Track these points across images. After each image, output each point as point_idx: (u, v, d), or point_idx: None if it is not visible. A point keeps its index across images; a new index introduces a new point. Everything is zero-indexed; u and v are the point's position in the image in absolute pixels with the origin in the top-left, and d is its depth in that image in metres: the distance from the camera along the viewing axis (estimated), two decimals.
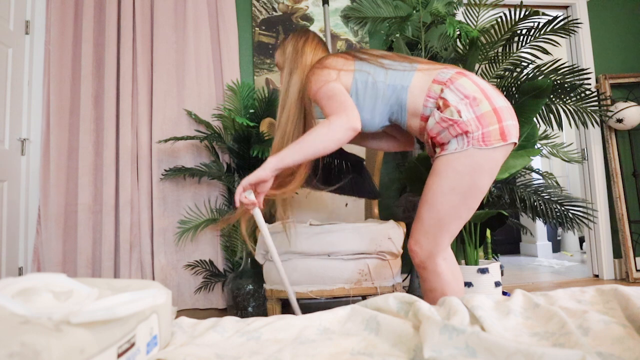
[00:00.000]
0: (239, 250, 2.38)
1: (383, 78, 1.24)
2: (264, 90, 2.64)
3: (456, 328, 0.62)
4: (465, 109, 1.13)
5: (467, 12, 2.36)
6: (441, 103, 1.16)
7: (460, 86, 1.16)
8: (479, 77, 1.21)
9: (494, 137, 1.12)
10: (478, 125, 1.12)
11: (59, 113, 2.51)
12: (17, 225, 2.41)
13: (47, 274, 0.57)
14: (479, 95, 1.14)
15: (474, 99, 1.13)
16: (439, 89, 1.18)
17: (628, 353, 0.59)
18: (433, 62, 1.29)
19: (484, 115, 1.12)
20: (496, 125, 1.12)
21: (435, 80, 1.20)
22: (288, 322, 0.75)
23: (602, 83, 3.10)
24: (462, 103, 1.14)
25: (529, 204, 2.13)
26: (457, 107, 1.14)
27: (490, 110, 1.13)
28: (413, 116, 1.25)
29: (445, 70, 1.22)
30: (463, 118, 1.13)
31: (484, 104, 1.13)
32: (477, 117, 1.12)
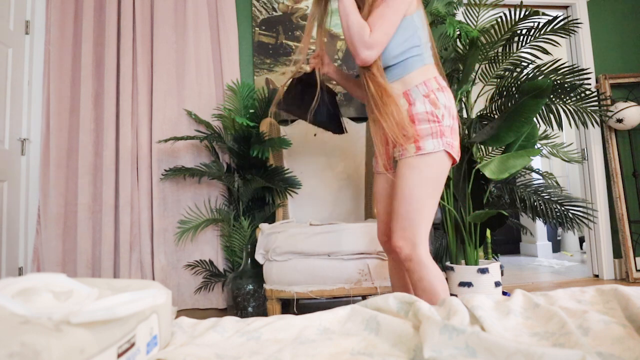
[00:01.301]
0: (239, 248, 2.38)
1: (420, 37, 1.33)
2: (264, 90, 2.64)
3: (456, 328, 0.62)
4: (446, 116, 1.27)
5: (467, 12, 2.36)
6: (433, 98, 1.28)
7: (450, 98, 1.31)
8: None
9: (455, 150, 1.28)
10: (451, 134, 1.27)
11: (59, 113, 2.51)
12: (17, 225, 2.41)
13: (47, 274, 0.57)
14: (454, 113, 1.31)
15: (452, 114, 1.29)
16: (435, 87, 1.30)
17: (628, 353, 0.59)
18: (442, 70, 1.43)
19: (455, 130, 1.29)
20: (456, 143, 1.30)
21: (436, 78, 1.32)
22: (288, 322, 0.75)
23: (602, 83, 3.10)
24: (446, 110, 1.27)
25: (529, 204, 2.13)
26: (443, 111, 1.27)
27: (457, 130, 1.31)
28: (402, 83, 1.33)
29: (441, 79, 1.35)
30: (444, 123, 1.26)
31: (455, 122, 1.31)
32: (451, 127, 1.28)
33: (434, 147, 1.24)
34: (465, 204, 2.13)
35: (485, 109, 2.33)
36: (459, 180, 2.17)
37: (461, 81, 2.14)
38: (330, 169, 2.38)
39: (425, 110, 1.26)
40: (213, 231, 2.55)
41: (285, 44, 2.78)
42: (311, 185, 2.35)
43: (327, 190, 2.34)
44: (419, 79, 1.31)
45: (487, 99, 2.31)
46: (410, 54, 1.31)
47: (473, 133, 2.26)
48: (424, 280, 1.24)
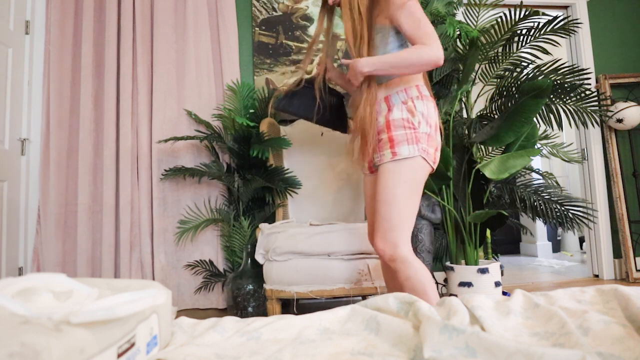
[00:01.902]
0: (238, 247, 2.38)
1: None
2: (264, 90, 2.64)
3: (456, 328, 0.62)
4: (423, 124, 1.31)
5: (467, 12, 2.36)
6: (410, 105, 1.31)
7: (430, 108, 1.34)
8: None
9: (430, 158, 1.32)
10: (427, 141, 1.31)
11: (59, 113, 2.51)
12: (17, 225, 2.41)
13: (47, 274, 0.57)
14: (433, 124, 1.34)
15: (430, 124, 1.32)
16: (415, 95, 1.33)
17: (628, 353, 0.59)
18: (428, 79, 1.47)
19: (432, 137, 1.32)
20: (433, 151, 1.33)
21: (418, 86, 1.35)
22: (288, 322, 0.75)
23: (602, 83, 3.10)
24: (423, 118, 1.31)
25: (529, 204, 2.13)
26: (420, 118, 1.30)
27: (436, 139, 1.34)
28: (386, 88, 1.37)
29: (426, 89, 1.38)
30: (420, 130, 1.30)
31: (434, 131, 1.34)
32: (428, 135, 1.31)
33: (409, 152, 1.28)
34: (465, 204, 2.13)
35: (485, 109, 2.33)
36: (459, 180, 2.17)
37: (461, 81, 2.14)
38: (330, 169, 2.38)
39: (402, 117, 1.30)
40: (213, 231, 2.55)
41: (285, 44, 2.78)
42: (311, 185, 2.35)
43: (327, 190, 2.34)
44: (401, 86, 1.35)
45: (487, 99, 2.31)
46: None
47: (473, 133, 2.26)
48: (411, 279, 1.26)
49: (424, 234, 2.24)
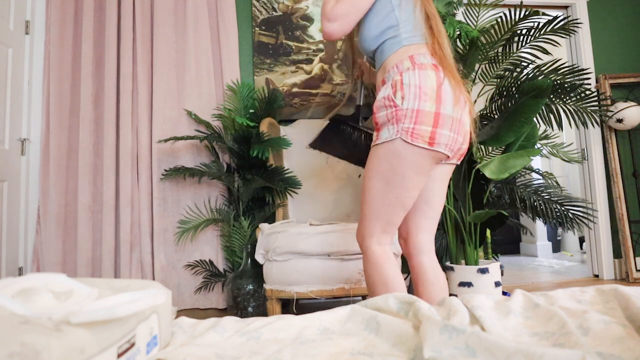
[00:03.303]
0: (238, 247, 2.38)
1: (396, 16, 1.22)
2: (264, 90, 2.64)
3: (456, 328, 0.62)
4: (411, 98, 1.11)
5: (467, 12, 2.36)
6: (396, 80, 1.15)
7: (425, 76, 1.13)
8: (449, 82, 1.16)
9: (422, 137, 1.11)
10: (413, 118, 1.11)
11: (59, 113, 2.51)
12: (17, 225, 2.41)
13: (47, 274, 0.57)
14: (430, 93, 1.12)
15: (424, 93, 1.11)
16: (406, 67, 1.16)
17: (628, 353, 0.59)
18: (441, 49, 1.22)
19: (423, 112, 1.11)
20: (429, 128, 1.11)
21: (412, 57, 1.18)
22: (288, 322, 0.75)
23: (602, 83, 3.10)
24: (411, 91, 1.12)
25: (529, 204, 2.13)
26: (405, 92, 1.12)
27: (432, 112, 1.11)
28: (383, 70, 1.25)
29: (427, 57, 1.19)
30: (403, 106, 1.12)
31: (429, 103, 1.11)
32: (416, 110, 1.11)
33: (387, 135, 1.14)
34: (465, 204, 2.13)
35: (485, 109, 2.33)
36: (459, 180, 2.17)
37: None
38: (330, 169, 2.38)
39: (383, 96, 1.16)
40: (213, 231, 2.55)
41: (285, 44, 2.78)
42: (311, 185, 2.35)
43: (327, 190, 2.34)
44: (393, 62, 1.20)
45: (487, 99, 2.31)
46: (386, 35, 1.23)
47: (473, 133, 2.26)
48: (370, 277, 1.19)
49: None
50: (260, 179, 2.23)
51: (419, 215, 1.29)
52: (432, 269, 1.28)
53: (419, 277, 1.28)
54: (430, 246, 1.30)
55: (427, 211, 1.28)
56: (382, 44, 1.24)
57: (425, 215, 1.29)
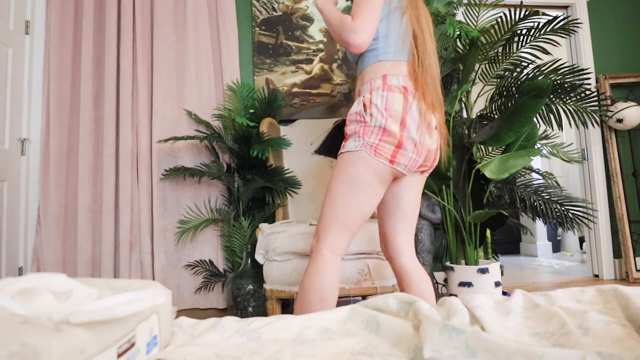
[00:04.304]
0: (238, 247, 2.38)
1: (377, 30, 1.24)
2: (264, 90, 2.64)
3: (456, 328, 0.62)
4: (379, 117, 1.17)
5: (467, 12, 2.36)
6: (367, 98, 1.20)
7: (392, 99, 1.18)
8: (418, 106, 1.20)
9: (385, 154, 1.17)
10: (378, 135, 1.17)
11: (59, 113, 2.51)
12: (17, 225, 2.41)
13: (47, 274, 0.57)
14: (395, 115, 1.17)
15: (390, 115, 1.16)
16: (377, 86, 1.21)
17: (628, 353, 0.59)
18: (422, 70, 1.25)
19: (389, 132, 1.16)
20: (392, 147, 1.17)
21: (385, 76, 1.22)
22: (288, 322, 0.75)
23: (602, 83, 3.10)
24: (380, 111, 1.17)
25: (529, 204, 2.13)
26: (373, 111, 1.17)
27: (397, 133, 1.16)
28: (360, 80, 1.29)
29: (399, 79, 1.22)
30: (371, 123, 1.17)
31: (396, 125, 1.16)
32: (383, 129, 1.16)
33: (353, 146, 1.19)
34: (465, 204, 2.13)
35: (485, 109, 2.33)
36: (459, 180, 2.17)
37: (461, 81, 2.14)
38: (330, 169, 2.38)
39: (355, 111, 1.22)
40: (213, 231, 2.55)
41: (285, 44, 2.78)
42: (311, 185, 2.35)
43: None
44: (369, 77, 1.25)
45: (487, 99, 2.31)
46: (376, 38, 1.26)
47: (473, 133, 2.26)
48: (306, 278, 1.17)
49: (424, 234, 2.24)
50: (260, 179, 2.23)
51: (393, 219, 1.33)
52: (414, 269, 1.31)
53: (402, 279, 1.31)
54: (409, 248, 1.33)
55: (399, 215, 1.32)
56: (362, 54, 1.28)
57: (398, 219, 1.32)
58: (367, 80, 1.25)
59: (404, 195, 1.31)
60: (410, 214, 1.33)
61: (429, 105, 1.22)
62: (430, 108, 1.22)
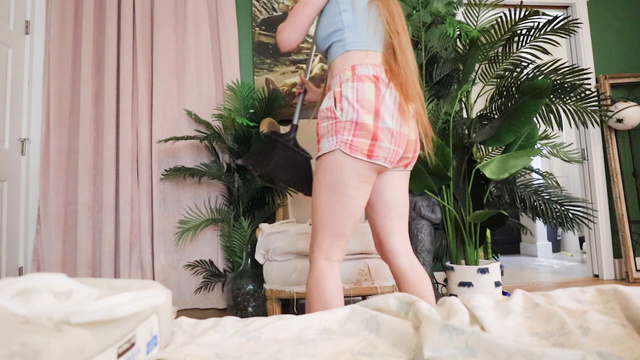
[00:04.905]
0: (239, 247, 2.38)
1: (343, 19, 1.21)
2: (264, 90, 2.64)
3: (456, 328, 0.62)
4: (350, 110, 1.11)
5: (467, 12, 2.36)
6: (337, 91, 1.15)
7: (362, 89, 1.12)
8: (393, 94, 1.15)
9: (360, 149, 1.11)
10: (351, 130, 1.11)
11: (59, 113, 2.51)
12: (17, 225, 2.41)
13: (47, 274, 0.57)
14: (368, 106, 1.11)
15: (362, 107, 1.11)
16: (346, 78, 1.16)
17: (628, 353, 0.59)
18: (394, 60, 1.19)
19: (362, 125, 1.10)
20: (367, 141, 1.11)
21: (354, 67, 1.16)
22: (288, 322, 0.75)
23: (602, 83, 3.10)
24: (350, 103, 1.11)
25: (529, 204, 2.13)
26: (344, 105, 1.12)
27: (371, 125, 1.10)
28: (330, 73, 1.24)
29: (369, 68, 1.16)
30: (342, 118, 1.11)
31: (368, 116, 1.10)
32: (355, 123, 1.10)
33: (327, 146, 1.14)
34: (465, 204, 2.13)
35: (485, 109, 2.33)
36: (459, 180, 2.17)
37: (461, 81, 2.14)
38: None
39: (326, 107, 1.16)
40: (213, 231, 2.55)
41: None
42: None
43: None
44: (337, 69, 1.20)
45: (487, 99, 2.31)
46: (333, 38, 1.22)
47: (473, 133, 2.26)
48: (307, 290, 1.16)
49: (424, 234, 2.24)
50: (261, 179, 2.23)
51: (383, 219, 1.28)
52: (412, 270, 1.26)
53: (400, 281, 1.27)
54: (405, 247, 1.28)
55: (389, 213, 1.27)
56: (330, 45, 1.24)
57: (389, 218, 1.27)
58: (336, 72, 1.19)
59: (389, 192, 1.27)
60: (399, 210, 1.28)
61: (405, 93, 1.16)
62: (406, 96, 1.16)
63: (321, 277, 1.14)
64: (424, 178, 2.03)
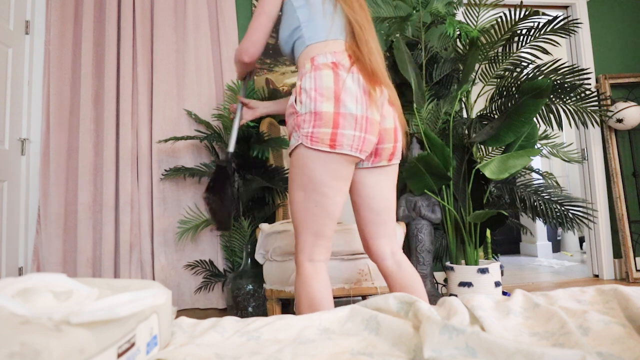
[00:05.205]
0: (238, 247, 2.38)
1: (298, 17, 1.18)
2: (264, 90, 2.64)
3: (456, 328, 0.62)
4: (308, 101, 1.07)
5: (467, 12, 2.36)
6: (297, 86, 1.12)
7: (319, 77, 1.08)
8: (356, 79, 1.09)
9: (322, 140, 1.06)
10: (311, 121, 1.06)
11: (59, 113, 2.51)
12: (17, 225, 2.41)
13: (47, 274, 0.57)
14: (327, 93, 1.06)
15: (320, 95, 1.06)
16: (306, 70, 1.12)
17: (628, 353, 0.59)
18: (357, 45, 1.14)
19: (320, 114, 1.05)
20: (328, 130, 1.05)
21: (313, 59, 1.12)
22: (288, 322, 0.75)
23: (602, 83, 3.10)
24: (308, 94, 1.07)
25: (529, 204, 2.13)
26: (302, 97, 1.09)
27: (330, 112, 1.05)
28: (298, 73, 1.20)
29: (327, 56, 1.11)
30: (301, 111, 1.08)
31: (327, 104, 1.05)
32: (314, 113, 1.06)
33: (293, 142, 1.11)
34: (465, 204, 2.13)
35: (485, 109, 2.33)
36: (459, 180, 2.17)
37: (461, 81, 2.14)
38: None
39: (289, 104, 1.13)
40: (213, 231, 2.55)
41: None
42: None
43: None
44: (300, 65, 1.18)
45: (487, 99, 2.31)
46: (294, 37, 1.20)
47: (473, 133, 2.26)
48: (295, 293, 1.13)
49: (424, 234, 2.24)
50: (260, 179, 2.23)
51: (368, 224, 1.24)
52: (399, 272, 1.22)
53: (389, 283, 1.25)
54: (391, 249, 1.24)
55: (374, 218, 1.23)
56: (292, 46, 1.22)
57: (374, 223, 1.23)
58: (299, 70, 1.17)
59: (374, 196, 1.21)
60: (384, 215, 1.23)
61: (370, 76, 1.10)
62: (372, 79, 1.10)
63: (307, 280, 1.11)
64: (424, 178, 2.03)
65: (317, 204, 1.10)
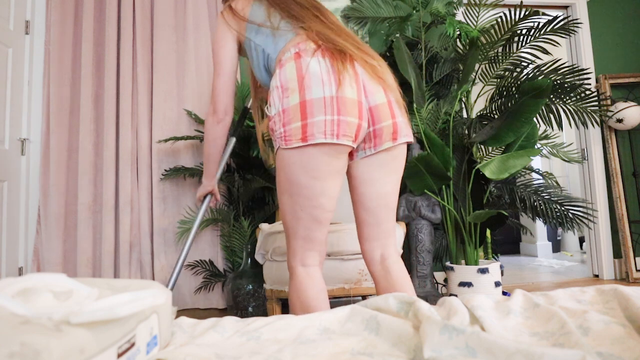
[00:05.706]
0: (239, 247, 2.38)
1: (257, 43, 1.13)
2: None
3: (456, 328, 0.62)
4: (276, 101, 1.02)
5: (467, 12, 2.36)
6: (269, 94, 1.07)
7: (283, 72, 1.02)
8: (321, 61, 1.01)
9: (294, 136, 0.98)
10: (281, 121, 1.00)
11: (59, 113, 2.51)
12: (17, 225, 2.41)
13: (47, 274, 0.57)
14: (292, 85, 0.99)
15: (284, 90, 1.00)
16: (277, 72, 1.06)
17: (628, 353, 0.59)
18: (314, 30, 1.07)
19: (289, 110, 0.98)
20: (298, 123, 0.97)
21: (280, 61, 1.06)
22: (288, 322, 0.75)
23: (602, 83, 3.10)
24: (274, 95, 1.02)
25: (529, 204, 2.13)
26: (270, 100, 1.03)
27: (297, 104, 0.98)
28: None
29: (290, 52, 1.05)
30: (271, 113, 1.03)
31: (294, 96, 0.98)
32: (282, 111, 1.00)
33: (275, 145, 1.06)
34: (465, 204, 2.14)
35: (485, 109, 2.33)
36: (459, 180, 2.17)
37: (461, 81, 2.14)
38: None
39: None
40: (213, 231, 2.55)
41: None
42: None
43: None
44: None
45: (487, 99, 2.31)
46: (264, 63, 1.15)
47: (473, 133, 2.26)
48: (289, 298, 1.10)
49: (424, 234, 2.24)
50: (260, 179, 2.23)
51: (360, 224, 1.17)
52: (384, 279, 1.14)
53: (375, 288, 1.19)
54: (379, 256, 1.16)
55: (365, 218, 1.15)
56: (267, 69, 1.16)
57: (365, 223, 1.16)
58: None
59: (369, 192, 1.13)
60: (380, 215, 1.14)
61: (339, 54, 1.02)
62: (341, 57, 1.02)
63: (300, 285, 1.07)
64: (424, 178, 2.03)
65: (302, 208, 1.05)
